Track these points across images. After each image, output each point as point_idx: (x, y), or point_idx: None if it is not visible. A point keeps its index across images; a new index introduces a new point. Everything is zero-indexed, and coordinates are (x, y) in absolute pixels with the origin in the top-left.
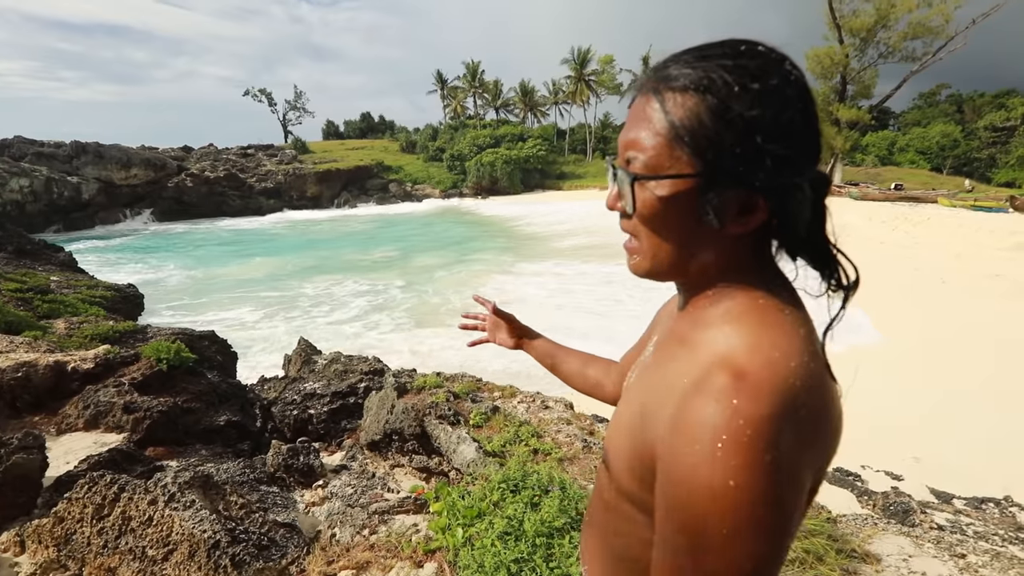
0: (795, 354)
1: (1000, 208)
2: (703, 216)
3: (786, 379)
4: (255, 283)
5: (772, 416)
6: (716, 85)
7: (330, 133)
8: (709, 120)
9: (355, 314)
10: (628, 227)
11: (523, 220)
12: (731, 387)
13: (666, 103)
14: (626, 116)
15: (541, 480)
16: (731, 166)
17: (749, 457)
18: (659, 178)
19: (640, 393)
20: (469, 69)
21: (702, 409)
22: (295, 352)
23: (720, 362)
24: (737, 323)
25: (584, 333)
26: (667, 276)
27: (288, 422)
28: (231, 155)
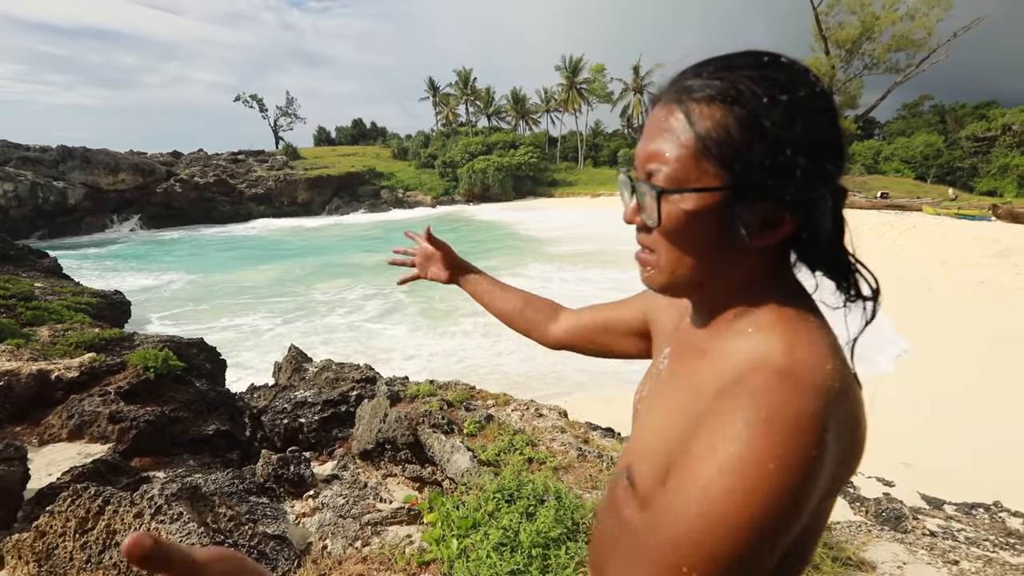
0: (829, 358)
1: (983, 216)
2: (729, 230)
3: (826, 380)
4: (259, 289)
5: (817, 413)
6: (744, 96)
7: (322, 139)
8: (738, 132)
9: (361, 318)
10: (647, 241)
11: (521, 225)
12: (773, 383)
13: (692, 114)
14: (644, 127)
15: (536, 489)
16: (761, 179)
17: (782, 455)
18: (687, 191)
19: (661, 408)
20: (461, 77)
21: (742, 404)
22: (285, 359)
23: (756, 365)
24: (766, 332)
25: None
26: (684, 291)
27: (278, 431)
28: (221, 161)
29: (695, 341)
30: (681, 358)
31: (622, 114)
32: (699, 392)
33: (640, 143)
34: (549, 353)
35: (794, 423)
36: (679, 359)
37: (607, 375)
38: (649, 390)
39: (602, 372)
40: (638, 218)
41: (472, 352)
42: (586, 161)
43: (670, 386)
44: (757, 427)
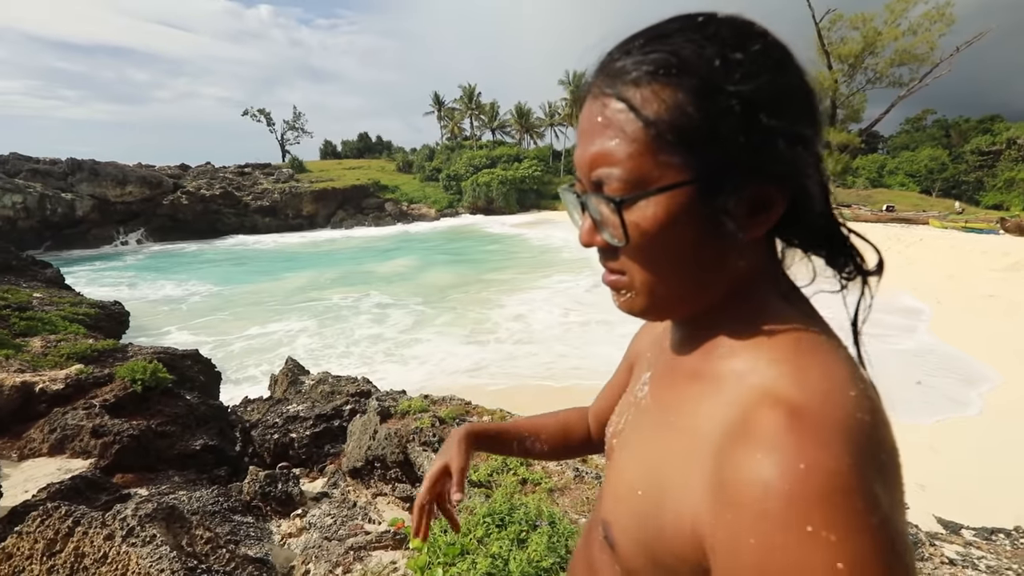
0: (848, 381)
1: (991, 230)
2: (712, 227)
3: (852, 414)
4: (280, 298)
5: (856, 465)
6: (691, 63)
7: (328, 153)
8: (695, 107)
9: (381, 326)
10: (613, 263)
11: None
12: (789, 431)
13: (632, 100)
14: (578, 130)
15: (529, 514)
16: (738, 157)
17: (848, 524)
18: (651, 194)
19: (644, 448)
20: (466, 92)
21: (758, 467)
22: (282, 372)
23: (762, 399)
24: (768, 349)
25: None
26: (669, 311)
27: (268, 446)
28: (228, 173)
29: (682, 363)
30: (666, 383)
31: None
32: (695, 433)
33: (578, 150)
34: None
35: (838, 494)
36: (664, 384)
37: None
38: (627, 423)
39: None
40: (597, 238)
41: (491, 359)
42: None
43: (654, 418)
44: (803, 523)
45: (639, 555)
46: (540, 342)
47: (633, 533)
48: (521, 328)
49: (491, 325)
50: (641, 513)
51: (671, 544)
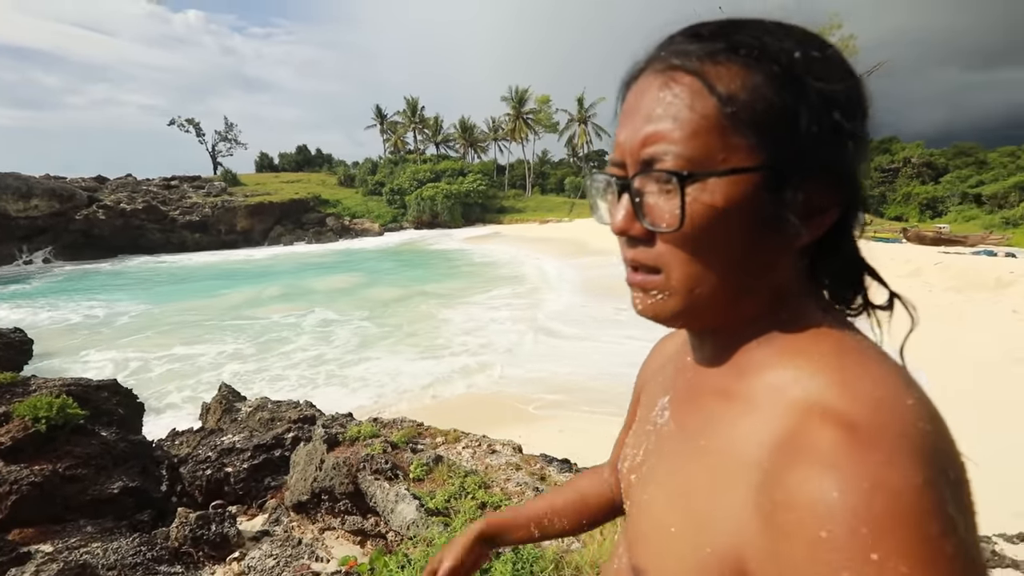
0: (903, 388)
1: (896, 239)
2: (768, 224)
3: (914, 424)
4: (212, 318)
5: (927, 482)
6: (772, 51)
7: (264, 166)
8: (774, 92)
9: (323, 346)
10: (649, 256)
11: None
12: (846, 446)
13: (707, 75)
14: (624, 110)
15: None
16: (811, 150)
17: (922, 555)
18: (719, 174)
19: (673, 479)
20: (409, 105)
21: (815, 490)
22: (215, 400)
23: (809, 413)
24: (809, 359)
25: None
26: (702, 318)
27: (200, 483)
28: (152, 186)
29: (709, 381)
30: (690, 405)
31: (568, 143)
32: (731, 455)
33: (623, 130)
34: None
35: (910, 517)
36: (687, 406)
37: (566, 390)
38: (646, 454)
39: (561, 389)
40: (636, 225)
41: (441, 375)
42: (534, 189)
43: (680, 445)
44: (872, 550)
45: None
46: (492, 356)
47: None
48: (476, 343)
49: (443, 340)
50: (678, 553)
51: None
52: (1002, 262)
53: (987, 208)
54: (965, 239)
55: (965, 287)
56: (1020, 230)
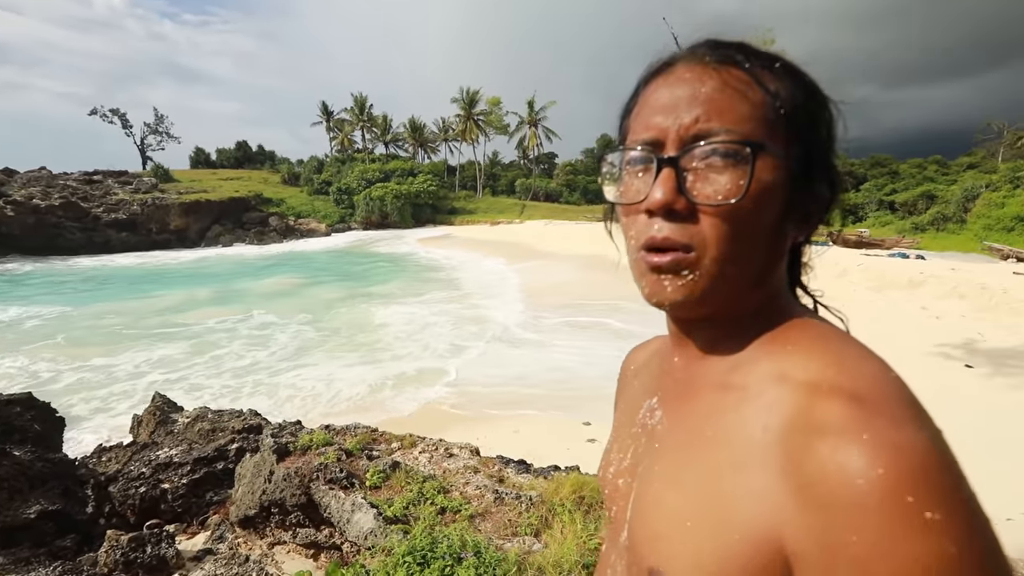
0: (882, 364)
1: (823, 242)
2: (786, 217)
3: (903, 390)
4: (138, 323)
5: (933, 439)
6: (804, 78)
7: (200, 161)
8: (805, 101)
9: (260, 350)
10: (684, 233)
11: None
12: (857, 415)
13: (756, 73)
14: (665, 95)
15: (453, 546)
16: (821, 157)
17: (948, 502)
18: (775, 153)
19: (679, 473)
20: (357, 102)
21: (841, 458)
22: (147, 411)
23: (813, 390)
24: (800, 347)
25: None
26: (724, 300)
27: (133, 502)
28: (71, 181)
29: (703, 376)
30: (686, 401)
31: (518, 145)
32: (743, 440)
33: (663, 112)
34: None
35: (928, 472)
36: (683, 403)
37: (524, 387)
38: (636, 456)
39: (515, 386)
40: (681, 199)
41: (388, 379)
42: (485, 190)
43: (682, 439)
44: (905, 508)
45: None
46: (441, 360)
47: (696, 569)
48: (424, 348)
49: (388, 345)
50: (699, 547)
51: (746, 569)
52: (913, 264)
53: (900, 214)
54: (882, 242)
55: (883, 287)
56: (928, 235)
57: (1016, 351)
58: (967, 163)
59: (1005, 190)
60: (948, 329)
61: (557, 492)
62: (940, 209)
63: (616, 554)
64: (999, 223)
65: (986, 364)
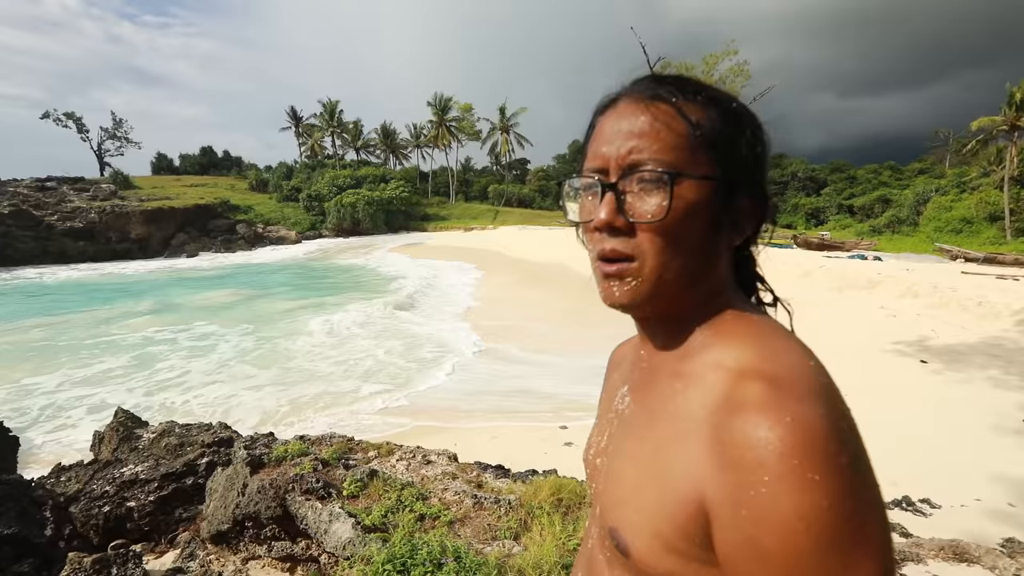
0: (805, 355)
1: (787, 244)
2: (716, 226)
3: (816, 378)
4: (83, 335)
5: (828, 415)
6: (718, 96)
7: (162, 167)
8: (724, 125)
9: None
10: (627, 246)
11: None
12: (770, 395)
13: (680, 106)
14: (604, 129)
15: (432, 553)
16: (746, 171)
17: (827, 465)
18: (694, 177)
19: (638, 448)
20: (327, 108)
21: (750, 428)
22: (109, 428)
23: (741, 375)
24: (737, 338)
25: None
26: (665, 300)
27: (96, 523)
28: (21, 188)
29: (662, 366)
30: (647, 388)
31: (491, 151)
32: (687, 415)
33: (606, 143)
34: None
35: (817, 439)
36: (645, 389)
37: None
38: (610, 437)
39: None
40: (620, 218)
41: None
42: (457, 196)
43: (642, 420)
44: (791, 468)
45: (653, 549)
46: (416, 369)
47: (643, 527)
48: (397, 360)
49: (360, 358)
50: (646, 507)
51: (680, 524)
52: (872, 265)
53: (858, 217)
54: (843, 244)
55: (844, 287)
56: (884, 237)
57: (965, 347)
58: (918, 168)
59: (952, 194)
60: (904, 327)
61: (536, 495)
62: (895, 212)
63: (594, 524)
64: (948, 225)
65: (938, 360)
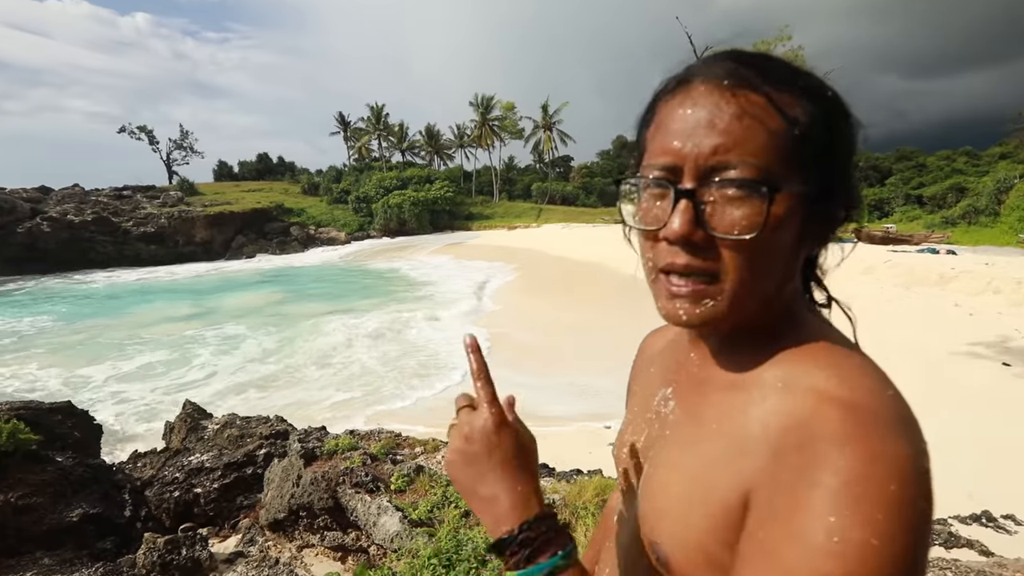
0: (883, 381)
1: (849, 239)
2: (803, 235)
3: (897, 408)
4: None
5: (912, 456)
6: (817, 88)
7: (223, 174)
8: (825, 123)
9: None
10: (705, 263)
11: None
12: (852, 424)
13: (776, 100)
14: (679, 116)
15: (477, 548)
16: (837, 182)
17: (893, 510)
18: (792, 189)
19: (686, 460)
20: (373, 112)
21: (824, 456)
22: (179, 419)
23: (818, 400)
24: (807, 357)
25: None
26: (740, 320)
27: (167, 507)
28: (102, 197)
29: (716, 375)
30: (699, 396)
31: (534, 149)
32: (745, 437)
33: (681, 136)
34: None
35: (899, 480)
36: (695, 397)
37: (545, 391)
38: (649, 440)
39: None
40: (699, 231)
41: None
42: (501, 195)
43: (691, 431)
44: (854, 489)
45: (698, 565)
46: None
47: (687, 542)
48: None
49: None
50: (691, 522)
51: (722, 534)
52: (944, 259)
53: (928, 208)
54: (910, 238)
55: (912, 283)
56: (959, 229)
57: None
58: (999, 153)
59: None
60: (983, 326)
61: (580, 495)
62: (971, 202)
63: (624, 524)
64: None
65: (1023, 363)
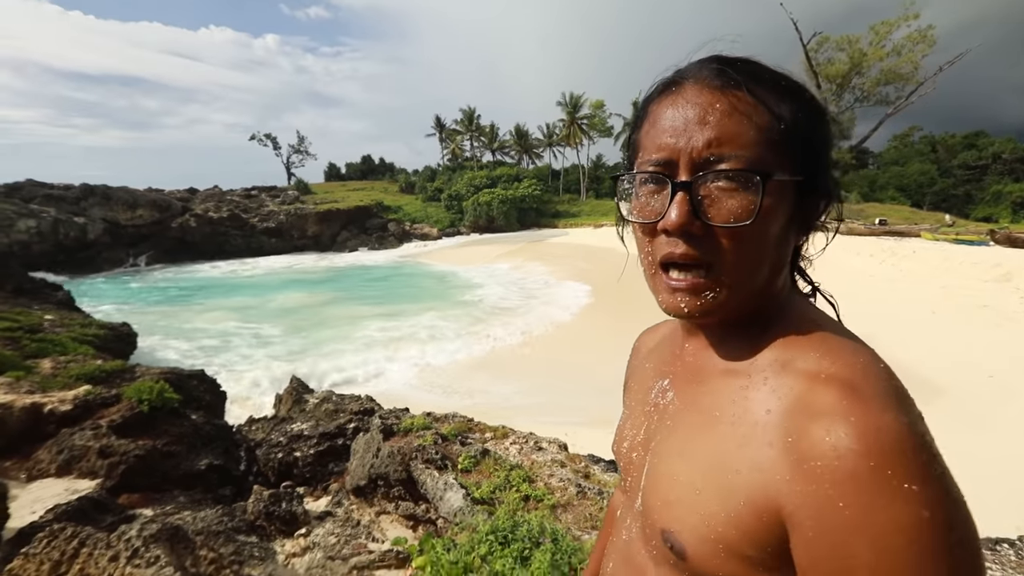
0: (874, 357)
1: (981, 241)
2: (792, 226)
3: (890, 381)
4: None
5: (911, 423)
6: (798, 88)
7: (332, 175)
8: (808, 122)
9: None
10: (701, 252)
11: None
12: (849, 401)
13: (764, 97)
14: (658, 118)
15: (532, 531)
16: (822, 172)
17: (922, 475)
18: (783, 178)
19: (691, 447)
20: (466, 114)
21: (833, 438)
22: (286, 391)
23: (814, 380)
24: (801, 341)
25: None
26: (737, 308)
27: (272, 465)
28: (235, 196)
29: (713, 363)
30: (696, 384)
31: (622, 147)
32: (748, 421)
33: (674, 133)
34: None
35: (908, 450)
36: (693, 386)
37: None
38: (649, 432)
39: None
40: (696, 221)
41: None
42: (588, 193)
43: (693, 418)
44: (885, 480)
45: (716, 554)
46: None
47: (704, 531)
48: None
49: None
50: (708, 511)
51: (750, 531)
52: None
53: None
54: None
55: None
56: None
57: None
58: None
59: None
60: None
61: None
62: None
63: (631, 518)
64: None
65: None
